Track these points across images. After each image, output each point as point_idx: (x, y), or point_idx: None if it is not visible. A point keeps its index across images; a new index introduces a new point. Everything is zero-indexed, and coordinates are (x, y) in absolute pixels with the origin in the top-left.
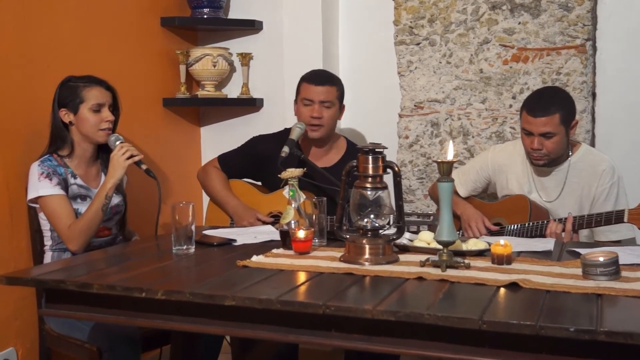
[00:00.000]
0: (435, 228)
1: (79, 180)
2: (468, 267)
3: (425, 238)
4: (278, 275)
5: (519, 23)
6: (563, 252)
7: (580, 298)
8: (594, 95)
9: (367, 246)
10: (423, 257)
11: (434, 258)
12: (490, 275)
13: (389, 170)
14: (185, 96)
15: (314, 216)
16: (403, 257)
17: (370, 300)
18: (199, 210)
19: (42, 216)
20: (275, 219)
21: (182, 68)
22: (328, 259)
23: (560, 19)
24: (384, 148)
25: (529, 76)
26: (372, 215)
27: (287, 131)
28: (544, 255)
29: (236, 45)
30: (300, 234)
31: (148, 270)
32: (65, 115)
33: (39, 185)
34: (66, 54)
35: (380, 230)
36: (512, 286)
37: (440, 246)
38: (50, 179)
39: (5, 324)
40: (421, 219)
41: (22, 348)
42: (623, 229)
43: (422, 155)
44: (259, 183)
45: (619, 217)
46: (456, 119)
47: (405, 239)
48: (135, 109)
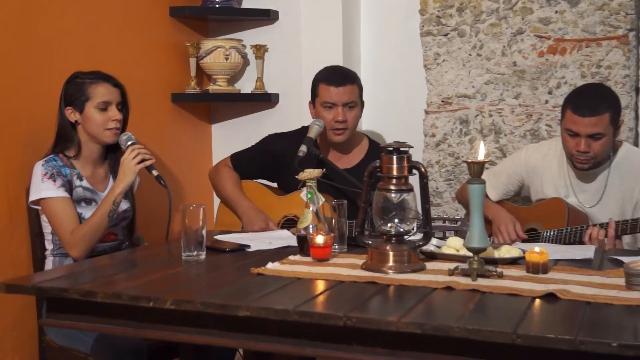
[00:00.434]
0: (463, 234)
1: (85, 183)
2: (501, 276)
3: (454, 244)
4: (295, 284)
5: (556, 12)
6: (604, 261)
7: (624, 310)
8: (637, 90)
9: (391, 253)
10: (452, 265)
11: (464, 266)
12: (524, 285)
13: (414, 171)
14: (196, 91)
15: (334, 220)
16: (430, 265)
17: (394, 312)
18: (210, 213)
19: (44, 219)
20: (292, 223)
21: (192, 61)
22: (349, 267)
23: (601, 7)
24: (410, 147)
25: (567, 69)
26: (397, 220)
27: (305, 129)
28: (584, 264)
29: (250, 36)
30: (319, 239)
31: (156, 278)
32: (71, 114)
33: (42, 186)
34: (70, 46)
35: (405, 236)
36: (549, 297)
37: (470, 253)
38: (54, 180)
39: (2, 334)
40: (448, 223)
41: None
42: None
43: (450, 155)
44: (275, 184)
45: None
46: (487, 116)
47: (432, 245)
48: (142, 104)
